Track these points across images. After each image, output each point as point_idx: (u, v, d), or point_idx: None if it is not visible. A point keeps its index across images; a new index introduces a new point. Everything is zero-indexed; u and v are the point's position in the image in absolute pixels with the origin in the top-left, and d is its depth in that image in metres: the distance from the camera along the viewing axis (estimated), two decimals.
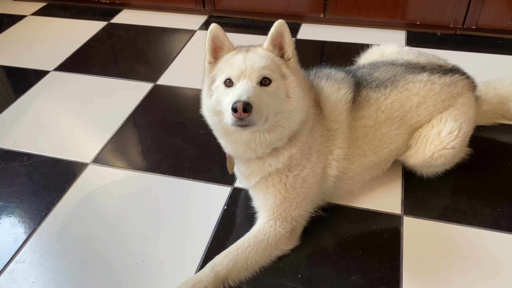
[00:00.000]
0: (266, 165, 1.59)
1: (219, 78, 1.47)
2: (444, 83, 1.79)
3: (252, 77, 1.41)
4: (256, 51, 1.49)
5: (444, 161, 1.76)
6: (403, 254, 1.62)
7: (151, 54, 2.97)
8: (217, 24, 1.48)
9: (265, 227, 1.60)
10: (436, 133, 1.74)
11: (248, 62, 1.42)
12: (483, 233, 1.69)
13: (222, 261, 1.51)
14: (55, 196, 1.92)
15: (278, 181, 1.60)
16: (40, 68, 2.85)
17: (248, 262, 1.54)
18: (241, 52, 1.49)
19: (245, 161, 1.61)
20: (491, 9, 2.83)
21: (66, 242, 1.72)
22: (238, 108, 1.31)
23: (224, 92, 1.45)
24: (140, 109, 2.45)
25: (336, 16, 3.11)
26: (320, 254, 1.63)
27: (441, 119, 1.75)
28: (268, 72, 1.43)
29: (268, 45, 1.50)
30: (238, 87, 1.40)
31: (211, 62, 1.54)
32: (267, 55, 1.48)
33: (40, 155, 2.15)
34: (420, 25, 3.04)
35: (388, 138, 1.76)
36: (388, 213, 1.78)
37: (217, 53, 1.53)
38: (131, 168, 2.06)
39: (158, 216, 1.81)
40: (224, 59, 1.50)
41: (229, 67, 1.44)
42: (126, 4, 3.54)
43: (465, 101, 1.82)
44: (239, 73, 1.41)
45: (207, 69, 1.55)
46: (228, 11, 3.34)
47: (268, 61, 1.44)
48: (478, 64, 2.72)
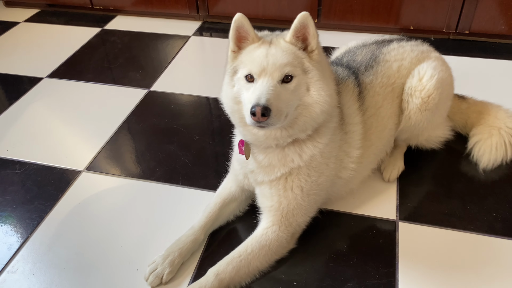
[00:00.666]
0: (288, 160, 1.54)
1: (241, 71, 1.44)
2: (412, 44, 1.94)
3: (273, 75, 1.38)
4: (278, 44, 1.42)
5: (432, 107, 1.79)
6: (399, 260, 1.61)
7: (145, 60, 2.97)
8: (242, 14, 1.43)
9: (267, 232, 1.58)
10: (418, 80, 1.80)
11: (270, 58, 1.38)
12: (479, 238, 1.69)
13: (226, 268, 1.50)
14: (47, 205, 1.90)
15: (297, 185, 1.56)
16: (33, 75, 2.83)
17: (250, 268, 1.53)
18: (264, 45, 1.42)
19: (264, 149, 1.55)
20: (484, 14, 2.85)
21: (58, 251, 1.70)
22: (256, 113, 1.31)
23: (245, 86, 1.43)
24: (134, 115, 2.44)
25: (330, 22, 3.12)
26: (315, 261, 1.62)
27: (421, 69, 1.83)
28: (290, 69, 1.39)
29: (291, 37, 1.43)
30: (258, 85, 1.38)
31: (234, 51, 1.48)
32: (290, 49, 1.42)
33: (33, 163, 2.13)
34: (414, 30, 3.05)
35: (387, 118, 1.80)
36: (383, 218, 1.78)
37: (241, 42, 1.48)
38: (124, 176, 2.04)
39: (152, 224, 1.80)
40: (247, 50, 1.45)
41: (251, 61, 1.41)
42: (120, 10, 3.54)
43: (438, 56, 1.94)
44: (260, 70, 1.38)
45: (230, 58, 1.51)
46: (222, 16, 3.34)
47: (290, 57, 1.40)
48: (471, 68, 2.74)
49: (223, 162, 2.01)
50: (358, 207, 1.83)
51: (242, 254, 1.53)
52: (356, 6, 3.01)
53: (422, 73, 1.81)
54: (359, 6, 3.01)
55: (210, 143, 2.22)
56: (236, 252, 1.54)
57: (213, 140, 2.24)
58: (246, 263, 1.52)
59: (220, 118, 2.40)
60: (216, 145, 2.21)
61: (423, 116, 1.81)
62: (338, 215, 1.80)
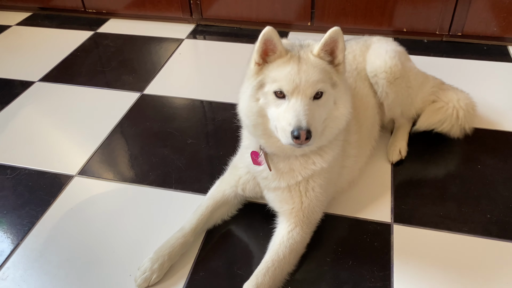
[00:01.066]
0: (309, 162, 1.55)
1: (269, 86, 1.41)
2: (355, 40, 2.13)
3: (306, 93, 1.36)
4: (308, 60, 1.41)
5: (401, 73, 1.91)
6: (394, 263, 1.61)
7: (138, 63, 2.95)
8: (272, 27, 1.38)
9: (293, 235, 1.58)
10: (372, 62, 1.95)
11: (303, 75, 1.36)
12: (474, 240, 1.68)
13: (263, 279, 1.47)
14: (39, 210, 1.87)
15: (318, 184, 1.59)
16: (25, 78, 2.80)
17: (283, 273, 1.54)
18: (294, 60, 1.40)
19: (285, 158, 1.56)
20: (476, 16, 2.87)
21: (50, 258, 1.68)
22: (301, 137, 1.31)
23: (274, 102, 1.40)
24: (127, 119, 2.42)
25: (323, 24, 3.12)
26: (310, 264, 1.61)
27: (371, 53, 2.00)
28: (321, 85, 1.38)
29: (319, 51, 1.43)
30: (292, 104, 1.36)
31: (259, 64, 1.44)
32: (320, 64, 1.41)
33: (24, 168, 2.10)
34: (407, 32, 3.06)
35: (365, 96, 1.90)
36: (378, 221, 1.77)
37: (267, 55, 1.44)
38: (117, 180, 2.02)
39: (145, 229, 1.78)
40: (275, 64, 1.42)
41: (283, 78, 1.37)
42: (112, 14, 3.52)
43: (379, 38, 2.13)
44: (293, 88, 1.36)
45: (253, 70, 1.45)
46: (216, 19, 3.33)
47: (321, 73, 1.39)
48: (464, 70, 2.75)
49: (217, 165, 2.00)
50: (352, 210, 1.82)
51: (275, 262, 1.52)
52: (349, 9, 3.02)
53: (373, 56, 1.96)
54: (352, 8, 3.01)
55: (204, 147, 2.20)
56: (269, 261, 1.52)
57: (207, 144, 2.23)
58: (280, 269, 1.52)
59: (214, 121, 2.39)
60: (210, 148, 2.19)
61: (397, 85, 1.91)
62: (333, 218, 1.79)
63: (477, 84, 2.58)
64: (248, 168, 1.68)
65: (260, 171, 1.62)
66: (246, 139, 1.69)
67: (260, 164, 1.60)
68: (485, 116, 2.31)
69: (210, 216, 1.72)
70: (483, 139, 2.16)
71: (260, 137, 1.51)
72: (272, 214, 1.73)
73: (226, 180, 1.79)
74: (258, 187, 1.70)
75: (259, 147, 1.59)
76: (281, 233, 1.60)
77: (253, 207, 1.84)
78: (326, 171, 1.59)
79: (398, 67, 1.90)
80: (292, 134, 1.32)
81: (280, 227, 1.64)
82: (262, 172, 1.61)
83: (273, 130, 1.44)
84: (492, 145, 2.13)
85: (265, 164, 1.58)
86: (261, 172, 1.62)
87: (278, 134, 1.40)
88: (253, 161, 1.62)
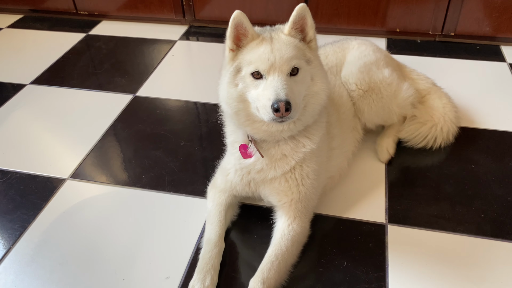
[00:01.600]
0: (300, 146, 1.56)
1: (246, 69, 1.43)
2: (332, 45, 2.19)
3: (282, 69, 1.38)
4: (280, 39, 1.43)
5: (370, 87, 1.96)
6: (389, 264, 1.60)
7: (131, 65, 2.93)
8: (241, 11, 1.41)
9: (293, 227, 1.60)
10: (345, 82, 2.00)
11: (277, 53, 1.39)
12: (468, 240, 1.68)
13: (269, 274, 1.48)
14: (31, 214, 1.85)
15: (312, 169, 1.61)
16: (16, 81, 2.78)
17: (287, 266, 1.55)
18: (266, 41, 1.43)
19: (275, 143, 1.56)
20: (469, 16, 2.87)
21: (42, 262, 1.66)
22: (280, 108, 1.32)
23: (252, 83, 1.42)
24: (120, 121, 2.40)
25: (317, 25, 3.07)
26: (304, 266, 1.60)
27: (344, 70, 2.04)
28: (296, 61, 1.41)
29: (290, 29, 1.46)
30: (270, 81, 1.38)
31: (233, 50, 1.47)
32: (292, 42, 1.44)
33: (15, 172, 2.08)
34: (400, 32, 3.06)
35: (338, 87, 1.98)
36: (372, 222, 1.77)
37: (239, 40, 1.46)
38: (110, 183, 2.01)
39: (138, 232, 1.76)
40: (248, 48, 1.44)
41: (257, 58, 1.40)
42: (105, 16, 3.50)
43: (359, 42, 2.16)
44: (268, 66, 1.38)
45: (228, 57, 1.48)
46: (209, 21, 3.32)
47: (294, 50, 1.42)
48: (457, 70, 2.75)
49: (211, 167, 1.98)
50: (346, 211, 1.81)
51: (279, 256, 1.53)
52: (342, 9, 3.02)
53: (346, 63, 2.03)
54: (346, 9, 3.01)
55: (197, 149, 2.19)
56: (272, 255, 1.53)
57: (200, 145, 2.22)
58: (284, 262, 1.53)
59: (208, 123, 2.38)
60: (204, 150, 2.18)
61: (368, 98, 1.95)
62: (327, 219, 1.78)
63: (470, 83, 2.58)
64: (238, 166, 1.66)
65: (252, 163, 1.60)
66: (230, 135, 1.68)
67: (251, 156, 1.59)
68: (478, 115, 2.32)
69: (226, 221, 1.73)
70: (476, 139, 2.17)
71: (244, 125, 1.52)
72: (267, 216, 1.73)
73: (220, 188, 1.78)
74: (248, 186, 1.68)
75: (246, 138, 1.59)
76: (281, 227, 1.61)
77: (247, 210, 1.83)
78: (316, 154, 1.61)
79: (365, 80, 1.95)
80: (273, 107, 1.33)
81: (279, 222, 1.64)
82: (256, 165, 1.60)
83: (255, 113, 1.44)
84: (485, 144, 2.14)
85: (256, 154, 1.57)
86: (254, 164, 1.60)
87: (260, 113, 1.41)
88: (242, 155, 1.61)
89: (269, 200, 1.70)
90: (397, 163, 2.05)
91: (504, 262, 1.60)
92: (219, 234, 1.65)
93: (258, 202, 1.82)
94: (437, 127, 2.07)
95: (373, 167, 2.03)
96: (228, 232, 1.74)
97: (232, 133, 1.67)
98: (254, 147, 1.57)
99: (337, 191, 1.90)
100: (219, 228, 1.67)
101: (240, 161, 1.64)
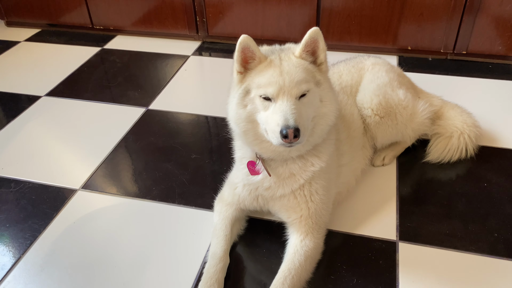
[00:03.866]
0: (308, 164, 1.56)
1: (255, 91, 1.43)
2: (345, 63, 2.18)
3: (291, 93, 1.38)
4: (290, 61, 1.43)
5: (386, 111, 1.95)
6: (399, 282, 1.58)
7: (144, 79, 2.97)
8: (247, 35, 1.41)
9: (306, 243, 1.59)
10: (360, 108, 2.00)
11: (286, 76, 1.38)
12: (481, 259, 1.65)
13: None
14: (41, 224, 1.87)
15: (321, 186, 1.60)
16: (31, 93, 2.83)
17: (301, 281, 1.53)
18: (275, 63, 1.42)
19: (283, 162, 1.56)
20: (481, 34, 2.88)
21: (51, 272, 1.66)
22: (289, 135, 1.33)
23: (261, 105, 1.42)
24: (132, 134, 2.42)
25: (328, 42, 3.09)
26: (314, 282, 1.58)
27: (359, 95, 2.02)
28: (306, 85, 1.41)
29: (301, 52, 1.45)
30: (279, 105, 1.38)
31: (241, 72, 1.47)
32: (302, 64, 1.44)
33: (28, 181, 2.10)
34: (412, 50, 3.07)
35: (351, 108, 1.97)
36: (383, 239, 1.75)
37: (247, 63, 1.46)
38: (120, 195, 2.02)
39: (147, 244, 1.76)
40: (257, 70, 1.44)
41: (266, 82, 1.39)
42: (119, 30, 3.57)
43: (373, 62, 2.14)
44: (277, 90, 1.38)
45: (236, 79, 1.48)
46: (221, 37, 3.37)
47: (304, 73, 1.41)
48: (469, 88, 2.74)
49: (221, 180, 1.98)
50: (357, 228, 1.80)
51: (292, 270, 1.51)
52: (354, 27, 3.04)
53: (362, 88, 2.01)
54: (357, 27, 3.04)
55: (207, 162, 2.20)
56: (285, 269, 1.52)
57: (211, 159, 2.23)
58: (298, 278, 1.51)
59: (219, 137, 2.39)
60: (214, 163, 2.19)
61: (384, 124, 1.95)
62: (337, 235, 1.77)
63: (482, 102, 2.57)
64: (246, 181, 1.66)
65: (260, 180, 1.61)
66: (239, 150, 1.69)
67: (258, 173, 1.59)
68: (491, 134, 2.30)
69: (231, 235, 1.72)
70: (489, 157, 2.14)
71: (252, 144, 1.52)
72: (276, 231, 1.72)
73: (228, 201, 1.77)
74: (257, 201, 1.68)
75: (254, 155, 1.59)
76: (294, 243, 1.60)
77: (256, 224, 1.82)
78: (325, 171, 1.61)
79: (382, 104, 1.94)
80: (281, 133, 1.34)
81: (292, 238, 1.64)
82: (264, 182, 1.60)
83: (264, 134, 1.45)
84: (497, 163, 2.11)
85: (264, 172, 1.58)
86: (262, 182, 1.60)
87: (269, 136, 1.41)
88: (250, 171, 1.61)
89: (279, 216, 1.70)
90: (409, 180, 2.03)
91: None
92: (224, 249, 1.64)
93: (266, 216, 1.82)
94: (464, 136, 2.08)
95: (385, 184, 2.01)
96: (235, 245, 1.74)
97: (240, 148, 1.68)
98: (261, 165, 1.58)
99: (347, 207, 1.89)
100: (224, 242, 1.66)
101: (248, 177, 1.64)
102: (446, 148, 2.07)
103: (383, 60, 2.19)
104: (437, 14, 2.87)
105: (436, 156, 2.08)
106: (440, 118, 2.16)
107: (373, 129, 1.97)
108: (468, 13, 2.81)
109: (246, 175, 1.64)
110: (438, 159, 2.08)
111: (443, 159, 2.08)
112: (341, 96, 1.95)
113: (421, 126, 2.04)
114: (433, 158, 2.09)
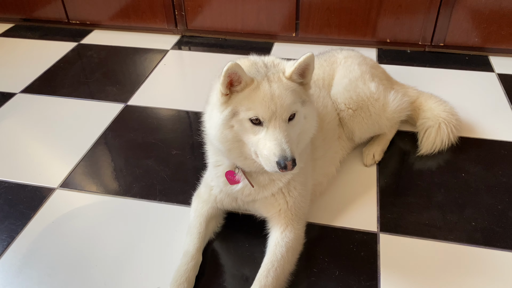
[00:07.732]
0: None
1: (244, 114, 1.39)
2: (317, 58, 2.20)
3: (283, 117, 1.38)
4: (280, 83, 1.41)
5: (358, 104, 1.99)
6: (381, 272, 1.60)
7: (122, 74, 2.92)
8: (235, 62, 1.36)
9: (286, 234, 1.60)
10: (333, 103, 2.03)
11: (277, 101, 1.37)
12: (459, 248, 1.69)
13: (266, 281, 1.47)
14: (19, 224, 1.82)
15: (298, 182, 1.64)
16: (6, 90, 2.76)
17: (285, 273, 1.54)
18: (263, 85, 1.39)
19: (264, 172, 1.57)
20: (457, 27, 2.92)
21: (30, 274, 1.63)
22: (288, 167, 1.34)
23: (252, 129, 1.40)
24: (111, 130, 2.38)
25: (308, 35, 3.14)
26: (296, 275, 1.59)
27: (332, 91, 2.06)
28: (295, 107, 1.41)
29: (292, 74, 1.44)
30: (271, 131, 1.37)
31: (227, 94, 1.41)
32: (291, 86, 1.43)
33: (3, 181, 2.05)
34: (390, 42, 3.10)
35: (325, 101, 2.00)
36: (364, 231, 1.76)
37: (232, 85, 1.41)
38: (100, 192, 1.99)
39: (129, 242, 1.74)
40: (245, 93, 1.39)
41: (257, 106, 1.37)
42: (96, 25, 3.49)
43: (345, 56, 2.18)
44: (269, 115, 1.37)
45: (221, 100, 1.42)
46: (201, 30, 3.33)
47: (293, 95, 1.41)
48: (446, 80, 2.78)
49: (202, 177, 1.97)
50: (338, 220, 1.81)
51: (275, 263, 1.52)
52: (333, 20, 3.05)
53: (335, 82, 2.05)
54: (337, 19, 3.04)
55: (189, 158, 2.18)
56: (268, 262, 1.52)
57: (192, 154, 2.21)
58: (281, 269, 1.52)
59: (200, 132, 2.36)
60: (195, 159, 2.17)
61: (357, 116, 1.98)
62: (318, 228, 1.78)
63: (459, 93, 2.61)
64: (224, 190, 1.67)
65: (240, 189, 1.62)
66: (214, 156, 1.67)
67: (238, 182, 1.61)
68: (468, 124, 2.34)
69: (206, 232, 1.71)
70: (467, 148, 2.18)
71: (236, 160, 1.52)
72: (257, 224, 1.72)
73: (204, 199, 1.77)
74: (235, 202, 1.70)
75: (233, 165, 1.59)
76: (274, 235, 1.62)
77: (235, 218, 1.82)
78: (302, 168, 1.64)
79: (353, 98, 1.98)
80: (279, 164, 1.34)
81: (272, 231, 1.65)
82: (244, 190, 1.62)
83: (251, 154, 1.44)
84: (475, 153, 2.16)
85: (244, 181, 1.59)
86: (242, 190, 1.62)
87: (261, 161, 1.40)
88: (229, 181, 1.62)
89: (258, 213, 1.71)
90: (388, 171, 2.05)
91: (495, 270, 1.61)
92: (197, 246, 1.63)
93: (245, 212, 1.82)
94: (449, 123, 2.11)
95: (364, 176, 2.03)
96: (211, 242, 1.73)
97: (215, 155, 1.66)
98: (242, 176, 1.59)
99: (328, 199, 1.90)
100: (197, 240, 1.65)
101: (226, 187, 1.64)
102: (437, 138, 2.10)
103: (355, 53, 2.21)
104: (415, 7, 2.90)
105: (430, 147, 2.11)
106: (422, 110, 2.19)
107: (348, 123, 2.00)
108: (445, 5, 2.85)
109: (224, 184, 1.65)
110: (431, 150, 2.11)
111: (435, 149, 2.11)
112: (313, 89, 1.94)
113: (395, 114, 2.06)
114: (427, 150, 2.11)
